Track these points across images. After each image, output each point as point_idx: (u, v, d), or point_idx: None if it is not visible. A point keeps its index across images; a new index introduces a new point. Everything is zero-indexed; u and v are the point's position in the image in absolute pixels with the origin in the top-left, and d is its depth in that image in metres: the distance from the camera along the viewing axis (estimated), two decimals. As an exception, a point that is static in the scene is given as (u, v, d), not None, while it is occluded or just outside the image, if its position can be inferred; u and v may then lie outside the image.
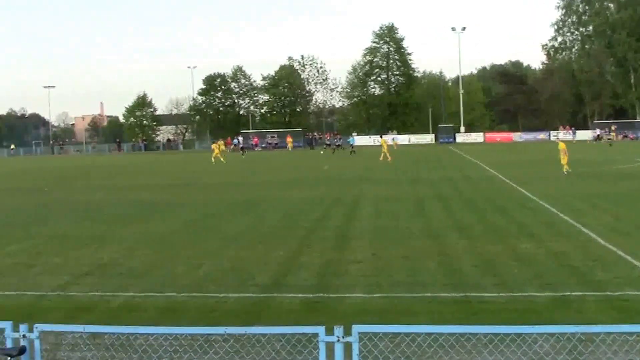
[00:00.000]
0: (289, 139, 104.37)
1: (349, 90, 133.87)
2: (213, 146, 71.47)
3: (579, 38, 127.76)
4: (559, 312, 11.52)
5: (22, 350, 6.65)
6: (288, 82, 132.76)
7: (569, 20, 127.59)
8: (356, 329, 6.15)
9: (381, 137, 70.87)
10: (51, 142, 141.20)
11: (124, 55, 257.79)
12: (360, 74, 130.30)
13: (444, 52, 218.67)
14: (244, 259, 16.82)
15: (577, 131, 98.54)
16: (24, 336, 6.70)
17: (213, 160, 64.63)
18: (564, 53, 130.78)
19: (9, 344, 6.71)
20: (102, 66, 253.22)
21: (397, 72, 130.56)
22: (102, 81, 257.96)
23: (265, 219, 23.75)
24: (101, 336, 9.06)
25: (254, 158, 76.52)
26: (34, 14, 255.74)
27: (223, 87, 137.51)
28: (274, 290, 13.65)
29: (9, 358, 6.60)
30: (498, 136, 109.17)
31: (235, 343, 8.61)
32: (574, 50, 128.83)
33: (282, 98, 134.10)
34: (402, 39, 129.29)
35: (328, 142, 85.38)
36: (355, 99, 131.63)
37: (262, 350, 8.42)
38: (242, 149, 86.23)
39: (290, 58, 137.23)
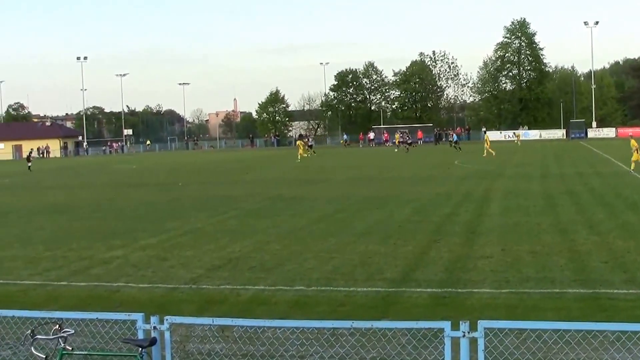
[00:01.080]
0: (420, 134, 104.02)
1: (480, 86, 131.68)
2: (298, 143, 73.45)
3: None
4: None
5: (152, 342, 6.84)
6: (419, 78, 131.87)
7: None
8: (482, 324, 6.10)
9: (485, 132, 69.88)
10: (186, 137, 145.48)
11: (257, 52, 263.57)
12: (491, 69, 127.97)
13: (576, 47, 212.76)
14: (373, 253, 16.80)
15: None
16: (154, 328, 6.88)
17: (299, 157, 65.73)
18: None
19: (140, 335, 6.92)
20: (236, 63, 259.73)
21: (529, 67, 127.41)
22: (235, 78, 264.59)
23: (394, 214, 23.67)
24: (230, 329, 9.19)
25: (381, 153, 76.54)
26: (172, 13, 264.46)
27: (355, 83, 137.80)
28: (403, 284, 13.60)
29: (140, 349, 6.78)
30: (631, 131, 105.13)
31: (362, 337, 8.60)
32: None
33: (413, 93, 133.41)
34: (534, 34, 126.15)
35: (401, 140, 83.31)
36: (486, 94, 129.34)
37: (388, 345, 8.35)
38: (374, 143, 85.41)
39: (421, 54, 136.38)
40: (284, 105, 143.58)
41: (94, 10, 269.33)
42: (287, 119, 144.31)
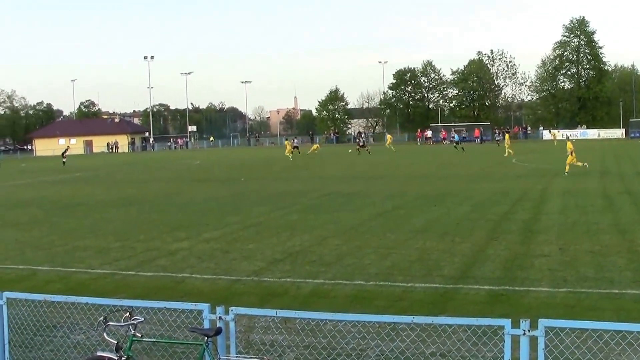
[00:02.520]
0: (478, 132, 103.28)
1: (538, 84, 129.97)
2: (286, 142, 78.50)
3: None
4: None
5: (218, 331, 7.04)
6: (477, 77, 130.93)
7: None
8: (542, 323, 6.05)
9: (507, 133, 69.29)
10: (247, 134, 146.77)
11: (317, 51, 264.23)
12: (549, 67, 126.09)
13: (636, 45, 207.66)
14: (430, 249, 16.91)
15: None
16: (220, 318, 7.07)
17: (290, 156, 68.10)
18: None
19: (206, 325, 7.13)
20: (297, 61, 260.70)
21: (588, 66, 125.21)
22: (296, 76, 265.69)
23: (451, 212, 23.69)
24: (292, 320, 9.41)
25: (438, 151, 76.14)
26: (235, 13, 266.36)
27: (413, 81, 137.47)
28: (460, 281, 13.66)
29: (206, 338, 6.99)
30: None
31: (422, 332, 8.71)
32: None
33: (471, 92, 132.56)
34: (593, 33, 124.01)
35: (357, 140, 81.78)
36: (544, 92, 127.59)
37: (448, 341, 8.49)
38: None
39: (479, 52, 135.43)
40: (344, 103, 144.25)
41: (160, 11, 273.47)
42: (346, 116, 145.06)
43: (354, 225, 21.44)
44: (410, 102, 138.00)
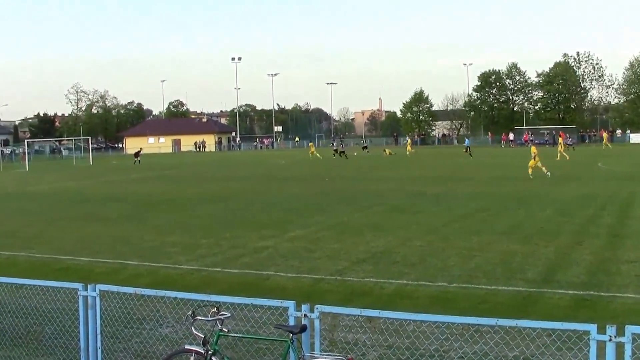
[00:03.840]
0: (562, 136, 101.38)
1: (625, 87, 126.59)
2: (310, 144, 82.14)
3: None
4: None
5: (303, 329, 7.11)
6: (563, 79, 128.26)
7: None
8: (629, 329, 5.91)
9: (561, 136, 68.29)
10: (332, 135, 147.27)
11: (401, 53, 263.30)
12: (637, 70, 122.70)
13: None
14: (514, 253, 16.75)
15: None
16: (305, 315, 7.15)
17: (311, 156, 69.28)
18: None
19: (291, 322, 7.22)
20: (381, 63, 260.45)
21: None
22: (381, 77, 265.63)
23: (536, 215, 23.40)
24: (376, 320, 9.47)
25: (522, 153, 74.82)
26: (320, 15, 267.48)
27: (498, 83, 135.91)
28: (544, 285, 13.52)
29: (291, 335, 7.06)
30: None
31: (505, 335, 8.66)
32: None
33: (556, 95, 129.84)
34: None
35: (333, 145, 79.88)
36: (631, 95, 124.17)
37: (532, 344, 8.41)
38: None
39: (565, 54, 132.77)
40: (428, 105, 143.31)
41: (248, 13, 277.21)
42: (430, 118, 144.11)
43: (437, 226, 21.39)
44: (495, 105, 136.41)
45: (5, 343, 10.15)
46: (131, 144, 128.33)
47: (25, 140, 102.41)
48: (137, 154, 77.90)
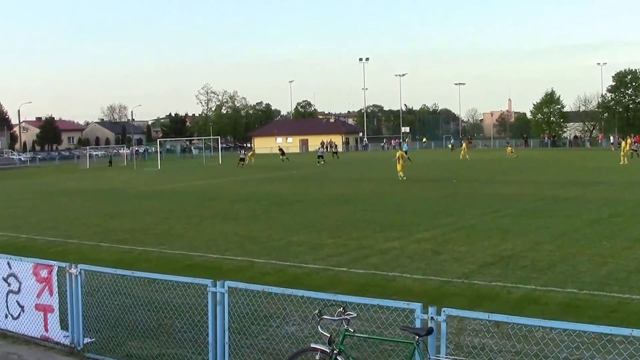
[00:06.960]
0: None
1: None
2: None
3: None
4: None
5: (429, 331, 7.09)
6: None
7: None
8: None
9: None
10: (460, 136, 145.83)
11: (531, 52, 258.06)
12: None
13: None
14: (651, 260, 16.11)
15: None
16: (431, 318, 7.12)
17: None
18: None
19: (417, 324, 7.20)
20: (511, 63, 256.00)
21: None
22: (510, 78, 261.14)
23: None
24: (504, 325, 9.30)
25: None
26: (448, 15, 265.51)
27: (634, 83, 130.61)
28: (683, 295, 12.95)
29: (417, 337, 7.06)
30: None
31: (640, 347, 8.37)
32: None
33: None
34: None
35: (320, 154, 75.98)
36: None
37: (666, 357, 8.09)
38: None
39: None
40: (559, 106, 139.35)
41: (375, 14, 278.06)
42: (561, 120, 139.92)
43: (568, 231, 20.84)
44: (631, 106, 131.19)
45: (138, 334, 10.54)
46: (259, 144, 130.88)
47: (158, 140, 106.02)
48: (282, 153, 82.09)
